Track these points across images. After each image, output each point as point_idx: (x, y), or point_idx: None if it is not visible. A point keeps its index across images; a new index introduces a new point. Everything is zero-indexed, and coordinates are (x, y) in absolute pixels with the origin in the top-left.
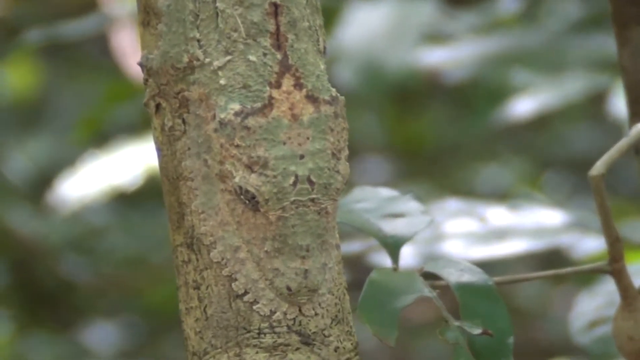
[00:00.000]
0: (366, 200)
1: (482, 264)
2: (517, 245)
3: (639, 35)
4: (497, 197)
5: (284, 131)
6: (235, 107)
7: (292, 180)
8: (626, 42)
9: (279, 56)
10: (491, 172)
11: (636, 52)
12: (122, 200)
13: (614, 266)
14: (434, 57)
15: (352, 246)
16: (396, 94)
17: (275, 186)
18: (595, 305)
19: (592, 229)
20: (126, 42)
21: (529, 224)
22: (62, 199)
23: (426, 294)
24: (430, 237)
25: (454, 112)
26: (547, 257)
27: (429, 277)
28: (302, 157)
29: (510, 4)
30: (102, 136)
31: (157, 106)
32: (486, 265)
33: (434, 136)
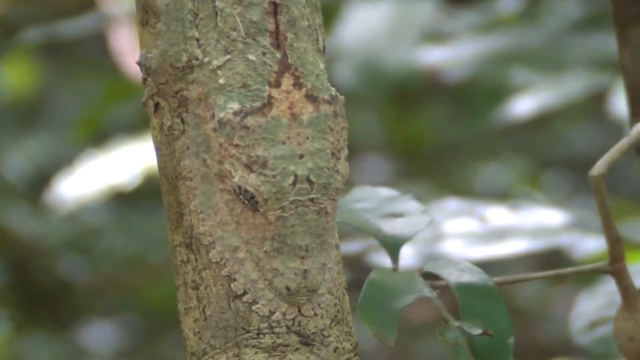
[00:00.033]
0: (366, 200)
1: (482, 264)
2: (517, 245)
3: None
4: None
5: (284, 131)
6: (234, 106)
7: (291, 180)
8: (627, 41)
9: (278, 55)
10: (491, 172)
11: (637, 52)
12: (120, 199)
13: (614, 266)
14: (434, 56)
15: (351, 246)
16: (396, 93)
17: (274, 186)
18: (595, 305)
19: (592, 228)
20: (124, 41)
21: (529, 223)
22: (60, 198)
23: (426, 294)
24: (430, 237)
25: (454, 111)
26: (547, 257)
27: (429, 277)
28: (301, 156)
29: (510, 2)
30: (100, 135)
31: (156, 105)
32: (486, 265)
33: (434, 135)
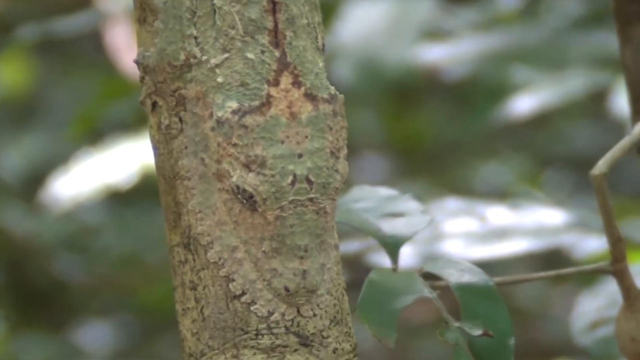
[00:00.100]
0: (365, 199)
1: (482, 264)
2: (517, 245)
3: None
4: (496, 195)
5: (282, 130)
6: (232, 105)
7: (290, 179)
8: (628, 40)
9: (277, 54)
10: (491, 170)
11: (638, 50)
12: (116, 198)
13: (616, 266)
14: (433, 54)
15: (350, 246)
16: (395, 91)
17: (273, 185)
18: (596, 305)
19: (593, 228)
20: (120, 39)
21: (529, 223)
22: (55, 197)
23: (426, 295)
24: (429, 236)
25: (453, 109)
26: (548, 257)
27: (429, 277)
28: (300, 156)
29: (510, 0)
30: (96, 133)
31: (154, 104)
32: (486, 265)
33: (433, 134)
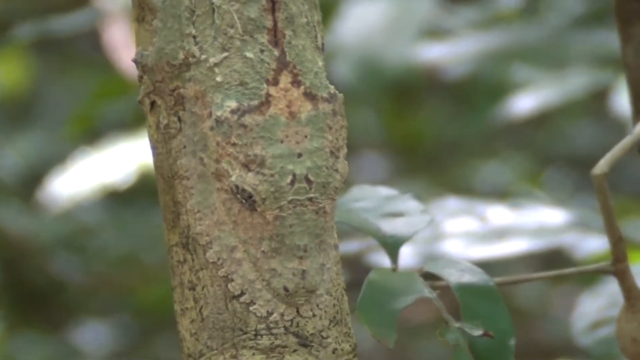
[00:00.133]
0: (365, 199)
1: (482, 263)
2: (518, 244)
3: None
4: (497, 194)
5: (282, 129)
6: (231, 104)
7: (289, 179)
8: (629, 38)
9: (276, 53)
10: (491, 170)
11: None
12: (114, 198)
13: (617, 266)
14: (433, 52)
15: (350, 246)
16: (394, 90)
17: (272, 185)
18: (597, 306)
19: (594, 228)
20: (118, 37)
21: (530, 223)
22: (53, 196)
23: (426, 295)
24: (429, 236)
25: (453, 108)
26: (548, 257)
27: (429, 277)
28: (299, 155)
29: None
30: (94, 133)
31: (152, 104)
32: (486, 265)
33: (433, 133)
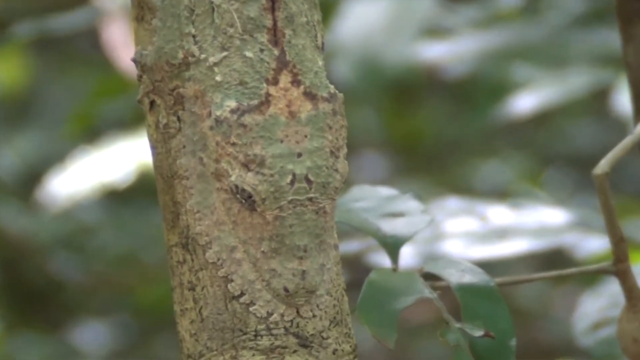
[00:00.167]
0: (365, 199)
1: (483, 263)
2: (518, 244)
3: None
4: (497, 194)
5: (281, 129)
6: (231, 104)
7: (289, 179)
8: (630, 38)
9: (276, 52)
10: (491, 169)
11: None
12: (113, 197)
13: (618, 267)
14: (433, 51)
15: (350, 246)
16: (395, 90)
17: (272, 185)
18: (599, 306)
19: (595, 228)
20: (117, 36)
21: (530, 223)
22: (51, 195)
23: (426, 295)
24: (430, 236)
25: (454, 107)
26: (549, 257)
27: (429, 277)
28: (299, 155)
29: None
30: (93, 132)
31: (152, 103)
32: (487, 265)
33: (433, 132)
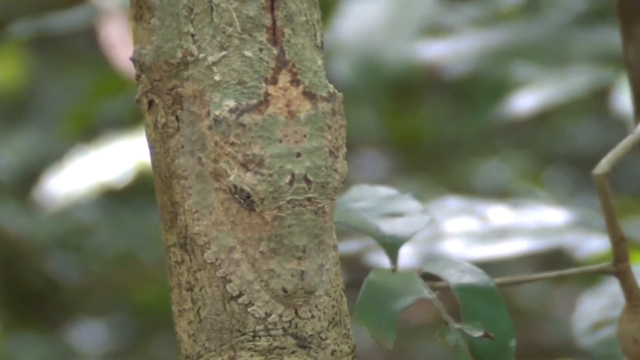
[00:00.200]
0: (364, 199)
1: (483, 264)
2: (518, 244)
3: None
4: (497, 193)
5: (280, 128)
6: (230, 103)
7: (288, 179)
8: (631, 37)
9: (275, 51)
10: (491, 168)
11: None
12: (111, 196)
13: (618, 267)
14: (433, 50)
15: (349, 246)
16: (394, 89)
17: (271, 185)
18: (599, 306)
19: (595, 228)
20: (115, 35)
21: (530, 223)
22: (49, 195)
23: (426, 296)
24: (429, 236)
25: (454, 106)
26: (549, 257)
27: (429, 278)
28: (298, 155)
29: None
30: (91, 131)
31: (150, 103)
32: (486, 265)
33: (433, 131)
